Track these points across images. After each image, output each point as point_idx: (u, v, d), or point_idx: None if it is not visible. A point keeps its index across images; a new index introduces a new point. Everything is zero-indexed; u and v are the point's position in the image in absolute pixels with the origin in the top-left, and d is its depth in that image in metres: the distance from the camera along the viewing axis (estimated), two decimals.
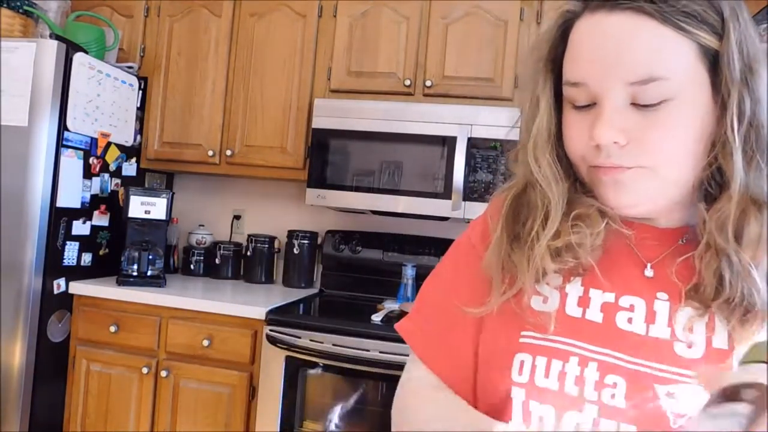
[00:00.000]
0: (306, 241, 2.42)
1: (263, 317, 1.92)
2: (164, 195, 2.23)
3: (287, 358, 1.88)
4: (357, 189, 2.15)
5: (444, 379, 0.67)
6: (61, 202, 2.05)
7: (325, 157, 2.19)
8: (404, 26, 2.20)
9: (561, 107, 0.63)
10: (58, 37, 2.04)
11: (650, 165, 0.55)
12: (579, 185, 0.63)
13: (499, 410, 0.60)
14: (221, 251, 2.52)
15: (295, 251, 2.42)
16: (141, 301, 2.05)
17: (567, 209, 0.61)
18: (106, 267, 2.28)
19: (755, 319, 0.53)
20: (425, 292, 0.73)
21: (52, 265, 2.04)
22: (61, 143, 2.02)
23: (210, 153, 2.36)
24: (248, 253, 2.50)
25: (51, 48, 1.97)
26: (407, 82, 2.19)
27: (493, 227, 0.66)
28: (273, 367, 1.90)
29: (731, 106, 0.53)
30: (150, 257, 2.21)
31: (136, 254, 2.20)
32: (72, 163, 2.09)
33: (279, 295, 2.24)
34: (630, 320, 0.58)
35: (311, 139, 2.22)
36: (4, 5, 2.12)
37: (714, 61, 0.54)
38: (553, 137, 0.62)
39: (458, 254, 0.73)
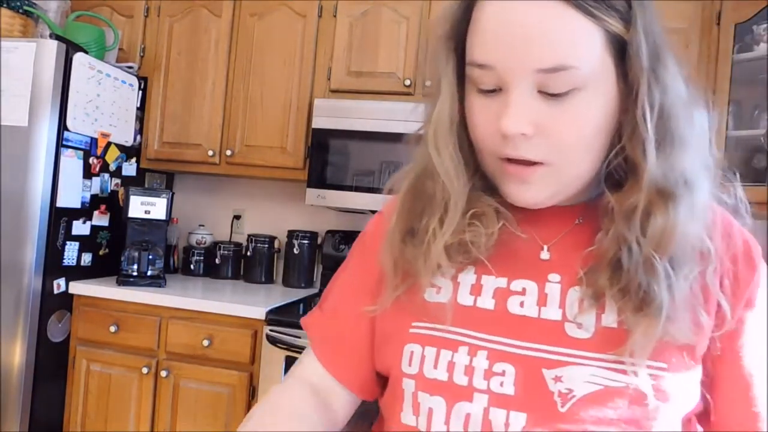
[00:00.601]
0: (306, 241, 2.42)
1: (263, 317, 1.92)
2: (164, 195, 2.23)
3: (287, 358, 1.88)
4: (357, 189, 2.15)
5: (341, 381, 0.68)
6: (61, 202, 2.04)
7: (325, 157, 2.19)
8: (404, 26, 2.20)
9: (464, 90, 0.60)
10: (58, 37, 2.04)
11: (556, 159, 0.54)
12: (479, 178, 0.62)
13: (396, 401, 0.60)
14: (221, 251, 2.52)
15: (295, 251, 2.42)
16: (141, 301, 2.05)
17: (465, 207, 0.60)
18: (106, 267, 2.28)
19: (653, 311, 0.52)
20: (329, 288, 0.74)
21: (52, 265, 2.04)
22: (61, 143, 2.02)
23: (210, 153, 2.36)
24: (248, 253, 2.49)
25: (51, 48, 1.97)
26: (407, 82, 2.19)
27: (389, 219, 0.65)
28: (273, 367, 1.90)
29: (642, 95, 0.52)
30: (150, 257, 2.21)
31: (136, 254, 2.20)
32: (72, 163, 2.09)
33: (279, 295, 2.24)
34: (522, 304, 0.58)
35: (311, 139, 2.22)
36: (4, 5, 2.12)
37: (620, 49, 0.53)
38: (455, 124, 0.60)
39: (359, 248, 0.73)
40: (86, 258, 2.19)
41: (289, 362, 1.88)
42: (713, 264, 0.55)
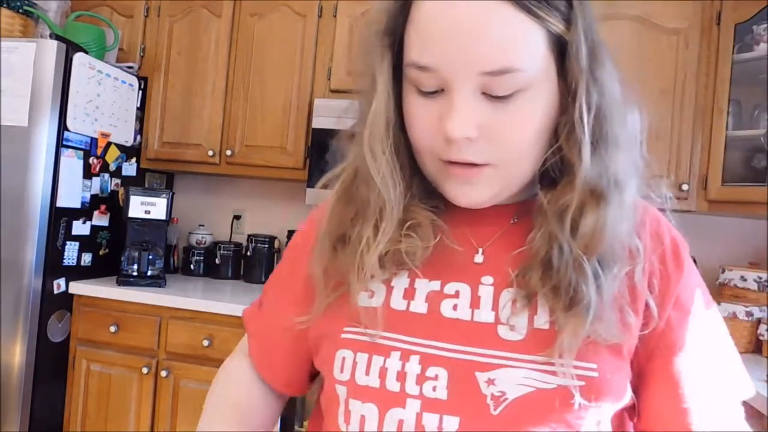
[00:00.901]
0: None
1: None
2: (164, 195, 2.23)
3: None
4: None
5: (265, 379, 0.70)
6: (61, 202, 2.05)
7: (325, 157, 2.19)
8: None
9: (400, 88, 0.57)
10: (58, 37, 2.04)
11: (500, 161, 0.53)
12: (417, 182, 0.60)
13: (332, 405, 0.59)
14: (221, 251, 2.52)
15: None
16: (141, 301, 2.05)
17: (401, 216, 0.58)
18: (106, 267, 2.28)
19: (581, 310, 0.52)
20: (268, 284, 0.74)
21: (52, 265, 2.04)
22: (61, 143, 2.02)
23: (210, 153, 2.36)
24: (248, 253, 2.49)
25: (51, 48, 1.97)
26: None
27: (322, 220, 0.63)
28: None
29: (580, 96, 0.52)
30: (150, 257, 2.21)
31: (136, 254, 2.20)
32: (72, 163, 2.09)
33: None
34: (455, 307, 0.57)
35: (311, 139, 2.22)
36: (4, 5, 2.12)
37: (560, 49, 0.52)
38: (391, 125, 0.58)
39: (292, 249, 0.72)
40: (86, 258, 2.19)
41: None
42: (641, 263, 0.56)
